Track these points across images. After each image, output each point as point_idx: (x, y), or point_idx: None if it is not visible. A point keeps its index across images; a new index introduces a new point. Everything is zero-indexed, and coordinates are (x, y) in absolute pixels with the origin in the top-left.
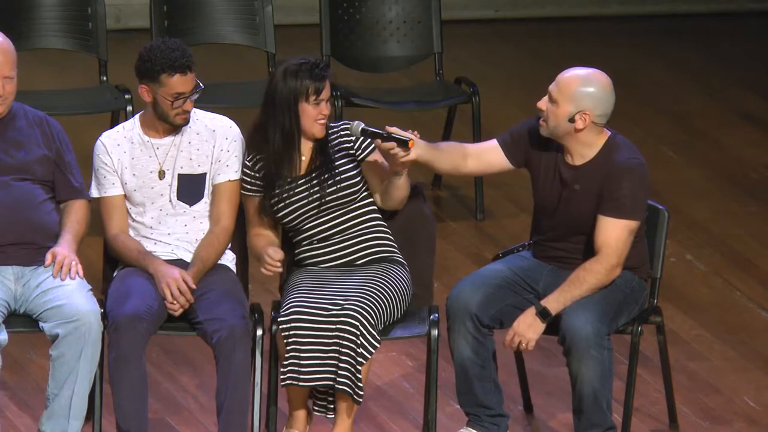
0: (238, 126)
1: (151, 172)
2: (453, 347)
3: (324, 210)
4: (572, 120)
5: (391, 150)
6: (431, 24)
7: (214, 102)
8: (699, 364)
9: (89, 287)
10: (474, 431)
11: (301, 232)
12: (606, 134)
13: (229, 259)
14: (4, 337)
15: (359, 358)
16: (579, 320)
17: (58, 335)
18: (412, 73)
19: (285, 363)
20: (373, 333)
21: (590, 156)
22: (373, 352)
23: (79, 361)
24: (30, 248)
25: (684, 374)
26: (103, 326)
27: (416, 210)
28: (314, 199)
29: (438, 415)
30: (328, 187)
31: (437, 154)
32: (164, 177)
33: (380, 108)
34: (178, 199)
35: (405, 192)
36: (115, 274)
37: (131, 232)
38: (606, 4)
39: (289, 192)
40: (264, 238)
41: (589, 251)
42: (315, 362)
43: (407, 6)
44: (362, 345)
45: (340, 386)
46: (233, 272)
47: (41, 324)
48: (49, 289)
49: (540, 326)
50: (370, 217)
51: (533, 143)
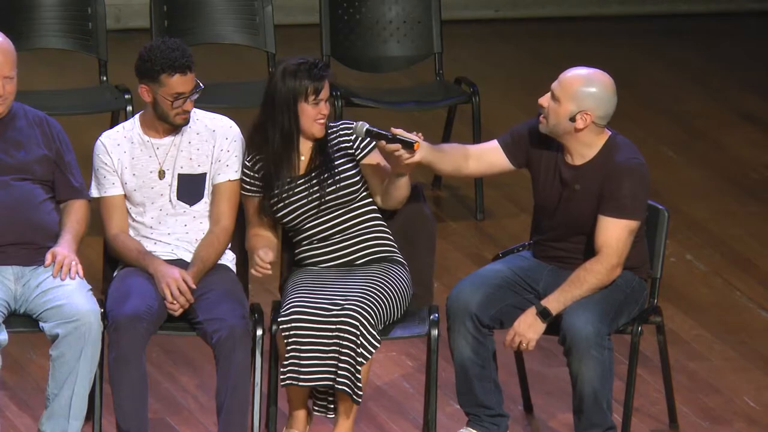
0: (238, 126)
1: (151, 172)
2: (453, 347)
3: (324, 210)
4: (573, 119)
5: (396, 152)
6: (431, 24)
7: (214, 102)
8: (699, 364)
9: (89, 287)
10: (474, 431)
11: (301, 232)
12: (606, 134)
13: (229, 259)
14: (4, 337)
15: (359, 358)
16: (579, 320)
17: (58, 335)
18: (412, 73)
19: (285, 363)
20: (374, 333)
21: (590, 156)
22: (374, 352)
23: (79, 361)
24: (30, 248)
25: (684, 374)
26: (103, 326)
27: (416, 210)
28: (314, 199)
29: (438, 415)
30: (328, 187)
31: (440, 156)
32: (164, 177)
33: (380, 108)
34: (178, 199)
35: (406, 192)
36: (115, 274)
37: (131, 232)
38: (606, 4)
39: (289, 192)
40: (262, 239)
41: (590, 251)
42: (315, 362)
43: (407, 6)
44: (362, 345)
45: (340, 386)
46: (233, 272)
47: (41, 324)
48: (49, 289)
49: (540, 326)
50: (370, 217)
51: (534, 143)
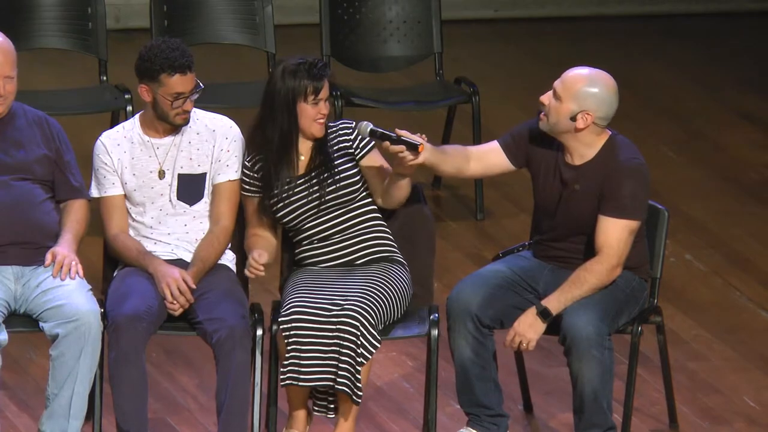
0: (238, 126)
1: (151, 172)
2: (453, 347)
3: (323, 210)
4: (574, 118)
5: (400, 153)
6: (431, 24)
7: (214, 102)
8: (699, 364)
9: (89, 287)
10: (474, 431)
11: (301, 232)
12: (606, 134)
13: (229, 259)
14: (4, 337)
15: (359, 359)
16: (580, 320)
17: (58, 335)
18: (412, 73)
19: (285, 363)
20: (374, 333)
21: (590, 156)
22: (374, 352)
23: (79, 361)
24: (30, 248)
25: (684, 374)
26: (103, 326)
27: (416, 210)
28: (314, 199)
29: (438, 415)
30: (328, 187)
31: (442, 158)
32: (164, 177)
33: (380, 108)
34: (178, 199)
35: (406, 192)
36: (115, 274)
37: (131, 232)
38: (606, 4)
39: (289, 192)
40: (260, 240)
41: (590, 251)
42: (315, 362)
43: (407, 6)
44: (362, 345)
45: (339, 387)
46: (233, 272)
47: (41, 324)
48: (49, 289)
49: (541, 326)
50: (370, 217)
51: (534, 143)
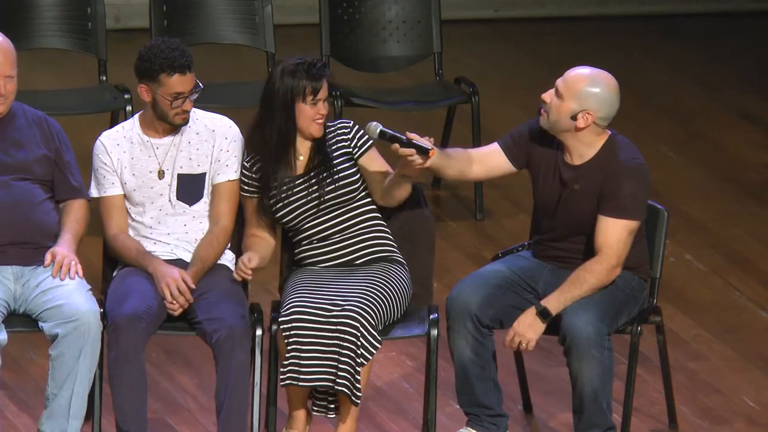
0: (238, 126)
1: (151, 172)
2: (453, 347)
3: (323, 209)
4: (574, 118)
5: (410, 156)
6: (431, 24)
7: (214, 102)
8: (698, 364)
9: (89, 287)
10: (473, 431)
11: (301, 232)
12: (606, 134)
13: (229, 259)
14: (4, 337)
15: (359, 359)
16: (579, 320)
17: (58, 335)
18: (412, 73)
19: (285, 363)
20: (374, 333)
21: (590, 156)
22: (374, 353)
23: (79, 361)
24: (29, 248)
25: (684, 374)
26: (103, 326)
27: (416, 210)
28: (313, 199)
29: (438, 415)
30: (327, 187)
31: (446, 161)
32: (164, 177)
33: (380, 108)
34: (178, 199)
35: (407, 192)
36: (115, 274)
37: (131, 232)
38: (606, 4)
39: (288, 192)
40: (258, 240)
41: (589, 251)
42: (315, 362)
43: (407, 6)
44: (363, 346)
45: (339, 387)
46: (233, 272)
47: (41, 324)
48: (49, 289)
49: (540, 326)
50: (370, 217)
51: (534, 143)
